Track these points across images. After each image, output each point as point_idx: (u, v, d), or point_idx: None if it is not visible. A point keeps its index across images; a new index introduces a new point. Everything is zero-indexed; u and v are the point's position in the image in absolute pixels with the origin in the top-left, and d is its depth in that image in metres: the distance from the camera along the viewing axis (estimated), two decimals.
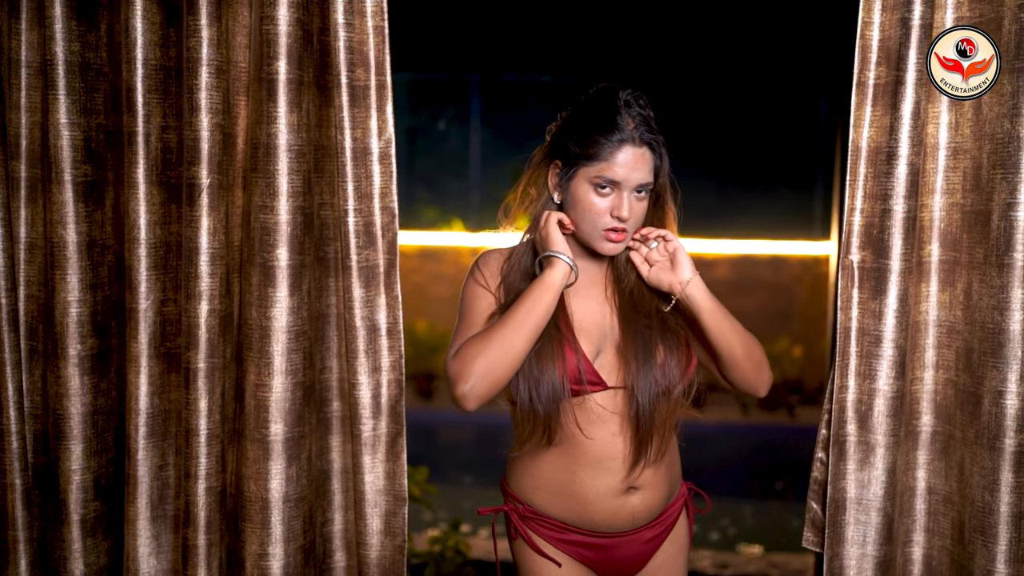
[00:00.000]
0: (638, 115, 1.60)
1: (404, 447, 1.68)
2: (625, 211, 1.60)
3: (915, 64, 1.64)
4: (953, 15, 1.68)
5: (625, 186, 1.60)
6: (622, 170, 1.58)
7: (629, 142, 1.58)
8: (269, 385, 1.65)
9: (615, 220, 1.61)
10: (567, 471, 1.68)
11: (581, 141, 1.61)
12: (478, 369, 1.52)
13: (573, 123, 1.65)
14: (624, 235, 1.63)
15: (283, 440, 1.66)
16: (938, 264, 1.75)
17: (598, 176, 1.59)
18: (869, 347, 1.72)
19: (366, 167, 1.64)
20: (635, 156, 1.59)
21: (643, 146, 1.60)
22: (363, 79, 1.62)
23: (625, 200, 1.60)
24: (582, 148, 1.60)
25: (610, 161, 1.58)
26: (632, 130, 1.59)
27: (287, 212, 1.63)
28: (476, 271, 1.68)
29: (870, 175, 1.70)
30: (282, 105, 1.60)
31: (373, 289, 1.65)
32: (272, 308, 1.64)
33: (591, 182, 1.60)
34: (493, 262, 1.68)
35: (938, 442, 1.78)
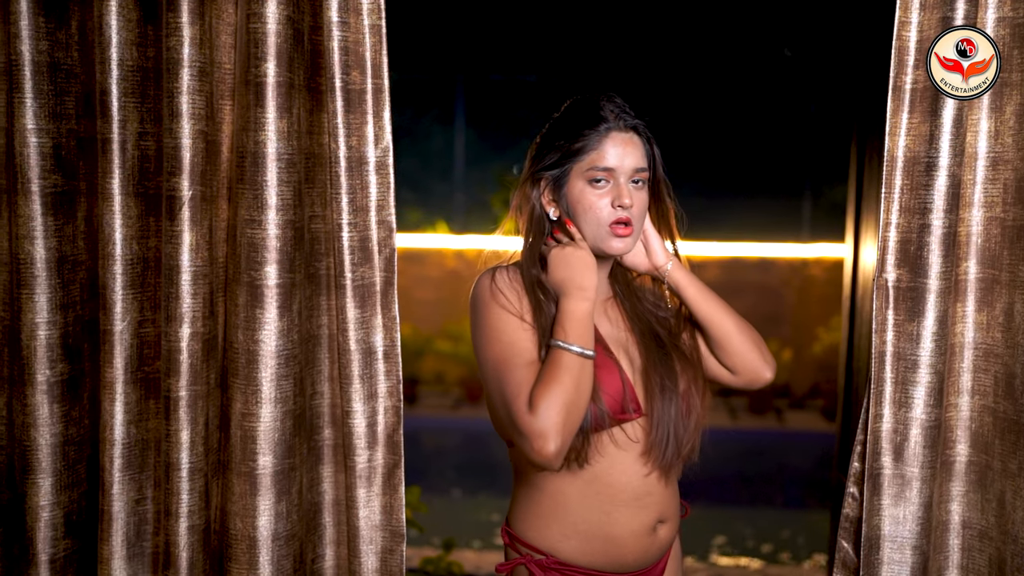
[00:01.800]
0: (618, 107, 1.60)
1: (402, 479, 1.55)
2: (626, 197, 1.55)
3: None
4: (995, 14, 1.56)
5: (620, 173, 1.56)
6: (613, 156, 1.56)
7: (615, 128, 1.57)
8: (257, 414, 1.51)
9: (618, 210, 1.56)
10: (601, 512, 1.58)
11: (568, 139, 1.58)
12: (566, 428, 1.45)
13: (555, 131, 1.62)
14: (631, 229, 1.57)
15: (272, 473, 1.52)
16: (975, 282, 1.64)
17: (591, 168, 1.56)
18: (905, 373, 1.61)
19: (362, 177, 1.50)
20: (624, 140, 1.57)
21: (629, 130, 1.59)
22: (359, 82, 1.49)
23: (624, 188, 1.56)
24: (570, 145, 1.57)
25: (600, 149, 1.56)
26: (616, 119, 1.58)
27: (276, 226, 1.49)
28: (499, 295, 1.55)
29: (907, 187, 1.58)
30: (271, 110, 1.47)
31: (369, 309, 1.52)
32: (260, 331, 1.50)
33: (585, 177, 1.57)
34: (512, 281, 1.58)
35: (974, 473, 1.67)
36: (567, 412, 1.45)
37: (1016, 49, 1.55)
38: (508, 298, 1.54)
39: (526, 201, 1.63)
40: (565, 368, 1.47)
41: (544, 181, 1.61)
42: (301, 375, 1.58)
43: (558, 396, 1.44)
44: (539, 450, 1.44)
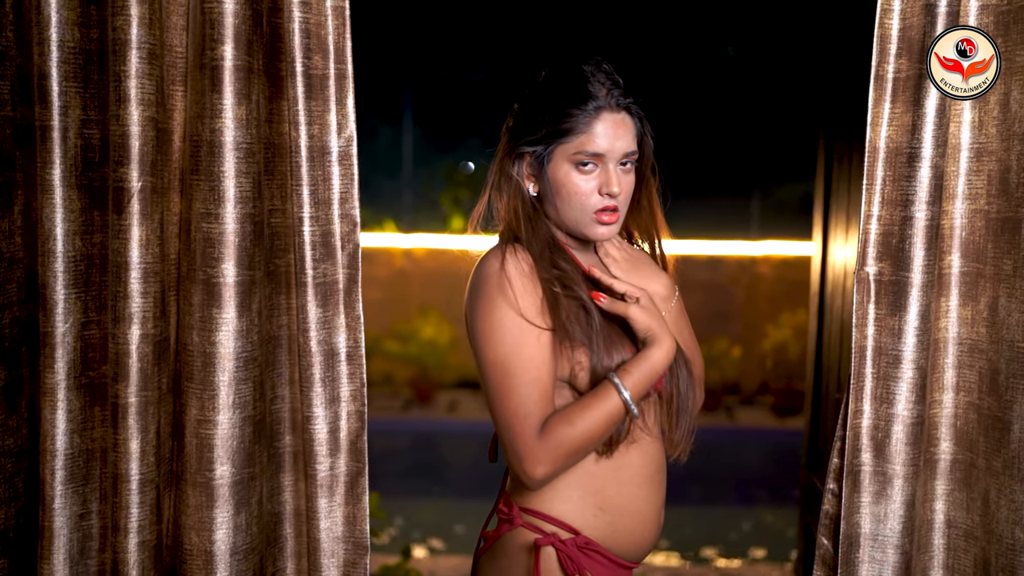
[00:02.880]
0: (607, 80, 1.47)
1: (366, 488, 1.46)
2: (615, 185, 1.46)
3: None
4: (978, 2, 1.53)
5: (610, 158, 1.46)
6: (604, 140, 1.45)
7: (606, 108, 1.45)
8: (214, 421, 1.41)
9: (606, 198, 1.46)
10: (630, 486, 1.52)
11: (552, 119, 1.45)
12: (567, 462, 1.43)
13: (537, 104, 1.49)
14: (616, 215, 1.48)
15: (230, 484, 1.42)
16: (959, 276, 1.61)
17: (578, 152, 1.45)
18: (887, 368, 1.56)
19: (324, 168, 1.41)
20: (615, 122, 1.46)
21: (621, 111, 1.47)
22: (320, 67, 1.40)
23: (612, 174, 1.46)
24: (555, 126, 1.45)
25: (589, 133, 1.44)
26: (607, 95, 1.46)
27: (234, 220, 1.39)
28: (507, 288, 1.42)
29: (889, 179, 1.54)
30: (228, 96, 1.37)
31: (331, 308, 1.43)
32: (217, 332, 1.40)
33: (571, 160, 1.46)
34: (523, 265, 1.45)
35: (958, 471, 1.64)
36: (577, 455, 1.43)
37: (1000, 37, 1.52)
38: (517, 291, 1.41)
39: (507, 179, 1.51)
40: (607, 415, 1.42)
41: (527, 157, 1.49)
42: (261, 378, 1.48)
43: (579, 438, 1.41)
44: (528, 472, 1.40)
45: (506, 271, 1.43)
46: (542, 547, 1.47)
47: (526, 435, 1.40)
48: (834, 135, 2.57)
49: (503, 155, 1.52)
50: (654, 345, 1.45)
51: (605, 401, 1.42)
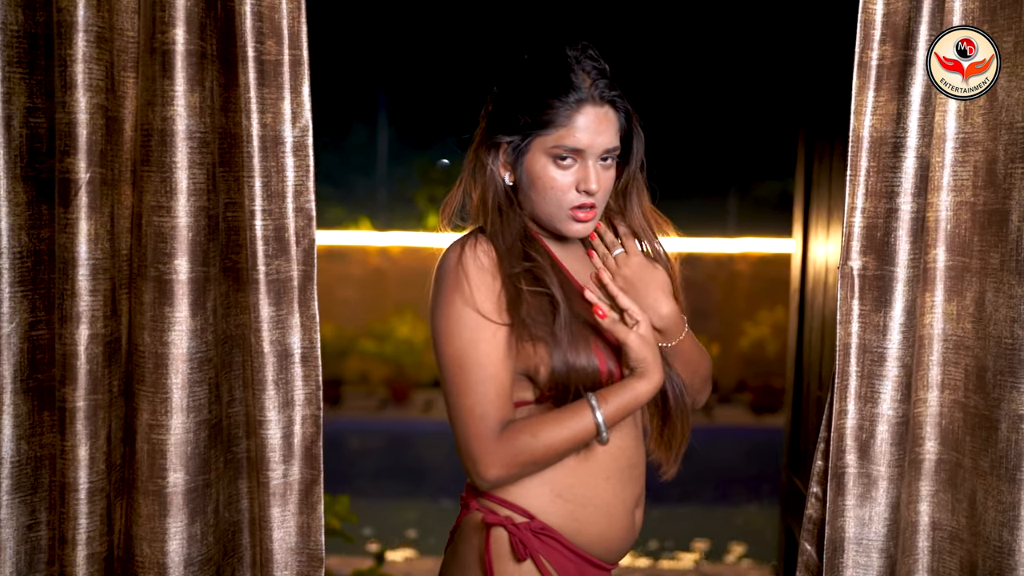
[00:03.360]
0: (593, 69, 1.40)
1: (321, 496, 1.39)
2: (593, 183, 1.39)
3: (926, 42, 1.43)
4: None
5: (589, 153, 1.39)
6: (585, 135, 1.38)
7: (589, 101, 1.38)
8: (167, 425, 1.34)
9: (583, 195, 1.40)
10: (599, 476, 1.45)
11: (531, 109, 1.38)
12: (523, 470, 1.38)
13: (517, 91, 1.41)
14: (593, 212, 1.42)
15: (184, 491, 1.35)
16: (944, 270, 1.56)
17: (557, 145, 1.38)
18: (871, 366, 1.51)
19: (277, 159, 1.34)
20: (597, 117, 1.39)
21: (605, 104, 1.40)
22: (274, 52, 1.32)
23: (591, 170, 1.39)
24: (534, 117, 1.38)
25: (569, 126, 1.37)
26: (590, 87, 1.38)
27: (187, 214, 1.32)
28: (463, 283, 1.37)
29: (873, 169, 1.48)
30: (180, 82, 1.29)
31: (285, 307, 1.36)
32: (170, 331, 1.33)
33: (549, 154, 1.39)
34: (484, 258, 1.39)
35: (944, 471, 1.59)
36: (535, 466, 1.39)
37: (987, 23, 1.47)
38: (473, 285, 1.36)
39: (482, 168, 1.44)
40: (575, 434, 1.36)
41: (504, 147, 1.42)
42: (217, 380, 1.41)
43: (540, 450, 1.36)
44: (481, 474, 1.36)
45: (463, 265, 1.38)
46: (492, 528, 1.41)
47: (481, 435, 1.36)
48: (814, 129, 2.52)
49: (479, 142, 1.45)
50: (643, 378, 1.39)
51: (576, 420, 1.36)
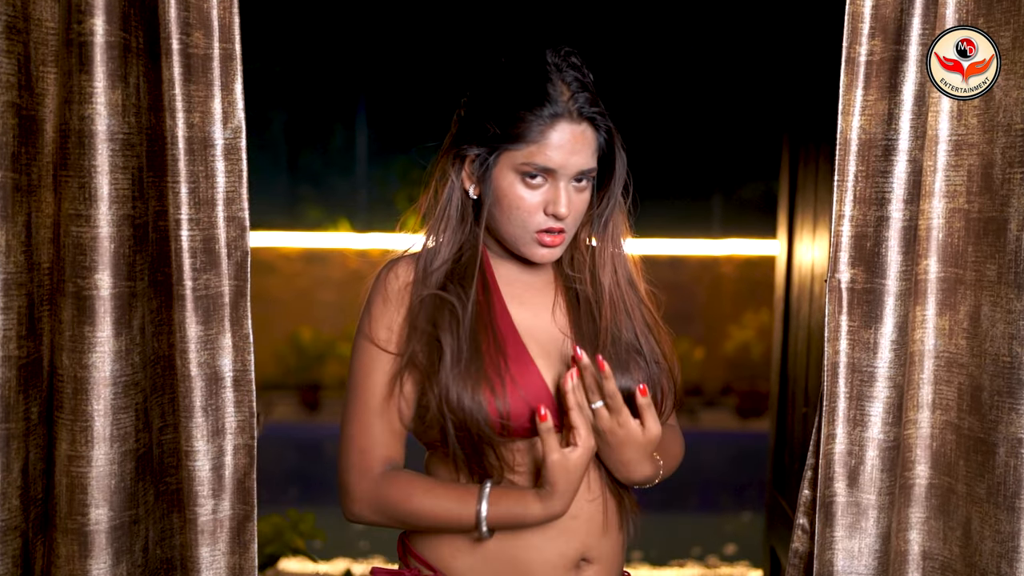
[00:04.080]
0: (574, 80, 1.26)
1: (255, 534, 1.27)
2: (563, 206, 1.26)
3: (919, 36, 1.32)
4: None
5: (561, 174, 1.26)
6: (557, 154, 1.24)
7: (565, 117, 1.24)
8: (87, 456, 1.21)
9: (550, 218, 1.27)
10: (510, 531, 1.29)
11: (502, 120, 1.25)
12: (390, 523, 1.31)
13: (489, 99, 1.28)
14: (562, 237, 1.29)
15: (107, 529, 1.23)
16: (936, 282, 1.45)
17: (526, 163, 1.25)
18: (861, 387, 1.40)
19: (206, 163, 1.22)
20: (573, 135, 1.25)
21: (583, 121, 1.26)
22: (202, 46, 1.20)
23: (562, 192, 1.26)
24: (504, 129, 1.25)
25: (541, 143, 1.24)
26: (567, 101, 1.24)
27: (109, 223, 1.20)
28: (369, 311, 1.31)
29: (862, 174, 1.37)
30: (100, 78, 1.17)
31: (215, 325, 1.24)
32: (90, 353, 1.20)
33: (518, 170, 1.26)
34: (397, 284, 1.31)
35: (935, 497, 1.48)
36: (401, 525, 1.32)
37: (982, 18, 1.37)
38: (374, 314, 1.30)
39: (443, 180, 1.32)
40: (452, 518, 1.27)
41: (470, 160, 1.30)
42: (146, 406, 1.28)
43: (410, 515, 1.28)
44: (346, 507, 1.32)
45: (373, 290, 1.32)
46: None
47: (357, 469, 1.30)
48: (799, 130, 2.42)
49: (445, 150, 1.33)
50: (542, 501, 1.24)
51: (458, 503, 1.26)
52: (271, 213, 6.92)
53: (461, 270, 1.31)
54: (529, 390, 1.26)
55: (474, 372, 1.23)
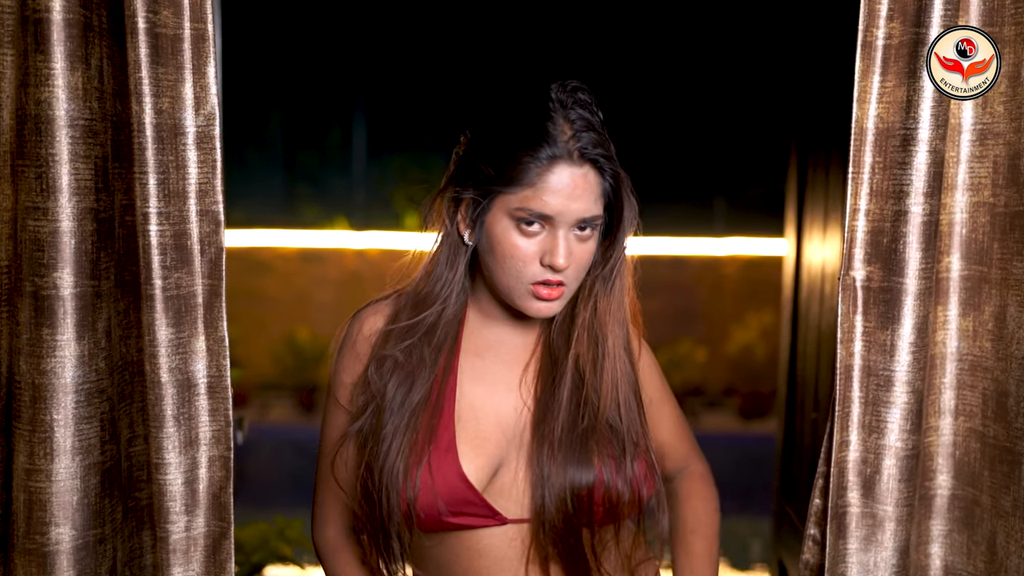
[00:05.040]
0: (579, 119, 1.13)
1: (231, 553, 1.18)
2: (561, 256, 1.12)
3: (941, 18, 1.24)
4: None
5: (560, 221, 1.12)
6: (555, 199, 1.11)
7: (564, 159, 1.11)
8: (47, 470, 1.13)
9: (547, 270, 1.14)
10: (496, 567, 1.18)
11: (497, 161, 1.13)
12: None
13: (486, 137, 1.17)
14: (561, 291, 1.15)
15: (70, 550, 1.14)
16: (959, 281, 1.36)
17: (521, 208, 1.12)
18: (877, 392, 1.32)
19: (176, 152, 1.13)
20: (574, 179, 1.12)
21: (584, 164, 1.12)
22: (172, 26, 1.11)
23: (560, 241, 1.12)
24: (498, 170, 1.13)
25: (538, 187, 1.11)
26: (568, 141, 1.11)
27: (70, 217, 1.11)
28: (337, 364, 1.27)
29: (879, 166, 1.29)
30: (58, 58, 1.08)
31: (187, 328, 1.15)
32: (50, 357, 1.12)
33: (512, 216, 1.13)
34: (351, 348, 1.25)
35: (958, 509, 1.39)
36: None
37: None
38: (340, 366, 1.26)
39: (438, 221, 1.20)
40: None
41: (466, 203, 1.17)
42: (113, 415, 1.20)
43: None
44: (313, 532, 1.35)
45: (344, 342, 1.27)
46: None
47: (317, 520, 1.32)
48: (807, 120, 2.33)
49: (440, 191, 1.21)
50: None
51: None
52: (268, 211, 6.83)
53: (435, 330, 1.20)
54: (444, 483, 1.14)
55: (401, 449, 1.15)
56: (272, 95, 6.63)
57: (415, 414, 1.16)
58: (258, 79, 6.19)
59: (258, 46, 5.74)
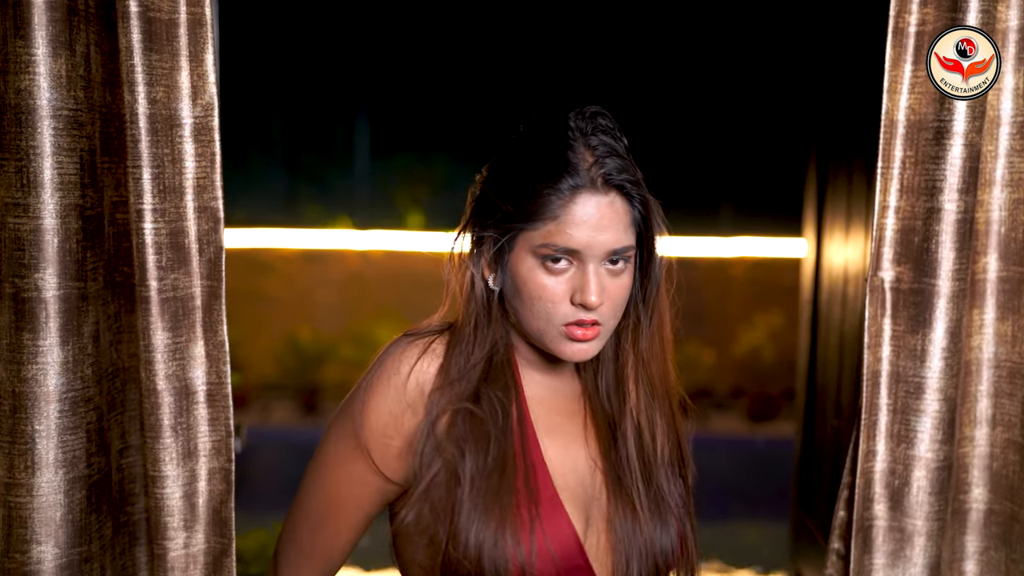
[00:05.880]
0: (600, 144, 1.05)
1: (232, 570, 1.12)
2: (593, 293, 1.03)
3: (979, 2, 1.17)
4: None
5: (589, 255, 1.04)
6: (581, 232, 1.03)
7: (588, 188, 1.03)
8: (28, 484, 1.06)
9: (579, 309, 1.04)
10: None
11: (517, 196, 1.05)
12: None
13: (504, 172, 1.08)
14: (597, 330, 1.05)
15: (53, 569, 1.07)
16: (996, 283, 1.29)
17: (545, 244, 1.03)
18: (906, 399, 1.25)
19: (172, 145, 1.06)
20: (599, 208, 1.03)
21: (611, 191, 1.04)
22: (167, 10, 1.05)
23: (592, 277, 1.04)
24: (518, 205, 1.05)
25: (561, 220, 1.03)
26: (591, 168, 1.03)
27: (53, 214, 1.04)
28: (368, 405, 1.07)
29: (910, 160, 1.22)
30: (39, 43, 1.02)
31: (185, 332, 1.08)
32: (31, 364, 1.05)
33: (537, 254, 1.04)
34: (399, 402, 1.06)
35: (995, 525, 1.32)
36: None
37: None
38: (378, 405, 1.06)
39: (463, 272, 1.10)
40: None
41: (487, 243, 1.08)
42: (102, 425, 1.13)
43: None
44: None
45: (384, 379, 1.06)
46: None
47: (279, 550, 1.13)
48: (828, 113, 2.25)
49: (458, 234, 1.12)
50: None
51: None
52: (269, 210, 6.77)
53: (498, 376, 1.08)
54: (559, 545, 1.04)
55: (498, 511, 1.02)
56: (275, 93, 6.57)
57: (503, 468, 1.04)
58: (261, 77, 6.13)
59: (261, 44, 5.68)
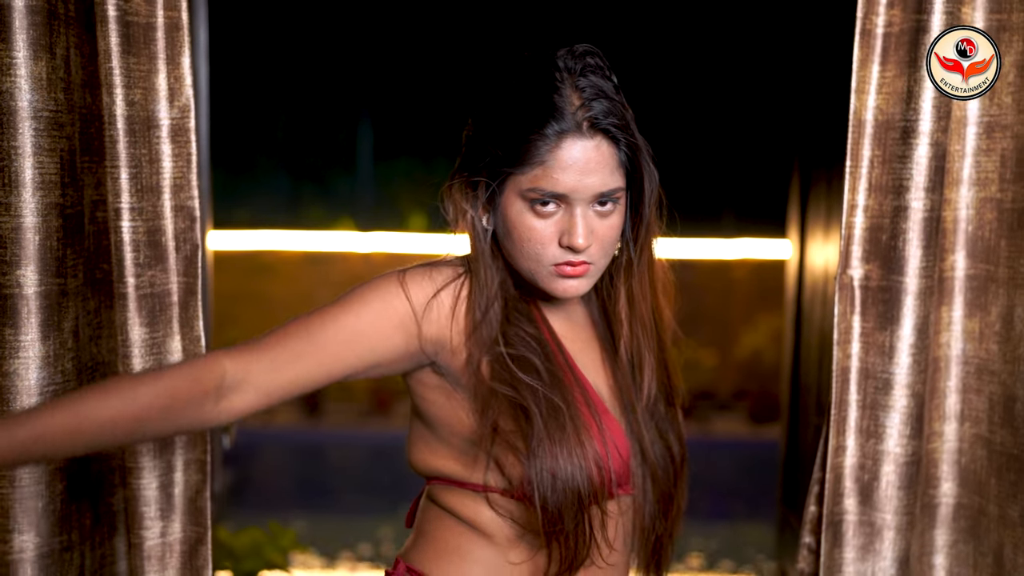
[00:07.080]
0: (589, 87, 1.05)
1: (208, 559, 1.14)
2: (580, 236, 1.05)
3: (943, 5, 1.19)
4: None
5: (576, 198, 1.06)
6: (567, 176, 1.05)
7: (573, 132, 1.04)
8: (10, 475, 1.09)
9: (567, 251, 1.07)
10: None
11: (504, 140, 1.07)
12: None
13: (492, 116, 1.10)
14: (587, 268, 1.08)
15: (34, 558, 1.10)
16: (965, 280, 1.31)
17: (533, 188, 1.05)
18: (875, 395, 1.27)
19: (150, 146, 1.09)
20: (585, 153, 1.05)
21: (596, 135, 1.05)
22: (144, 14, 1.08)
23: (579, 220, 1.05)
24: (507, 150, 1.07)
25: (548, 164, 1.04)
26: (577, 112, 1.04)
27: (34, 212, 1.07)
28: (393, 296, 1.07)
29: (878, 159, 1.24)
30: (20, 46, 1.05)
31: (162, 327, 1.11)
32: (12, 358, 1.08)
33: (525, 197, 1.06)
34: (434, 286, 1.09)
35: (963, 519, 1.34)
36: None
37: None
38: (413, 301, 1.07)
39: (462, 215, 1.12)
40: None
41: (481, 187, 1.10)
42: None
43: None
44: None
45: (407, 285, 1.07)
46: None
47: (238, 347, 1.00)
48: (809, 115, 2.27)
49: (452, 178, 1.13)
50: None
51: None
52: (272, 212, 6.80)
53: (514, 316, 1.11)
54: (623, 448, 1.10)
55: (572, 432, 1.06)
56: (278, 97, 6.61)
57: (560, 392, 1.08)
58: (265, 81, 6.17)
59: (265, 48, 5.72)
